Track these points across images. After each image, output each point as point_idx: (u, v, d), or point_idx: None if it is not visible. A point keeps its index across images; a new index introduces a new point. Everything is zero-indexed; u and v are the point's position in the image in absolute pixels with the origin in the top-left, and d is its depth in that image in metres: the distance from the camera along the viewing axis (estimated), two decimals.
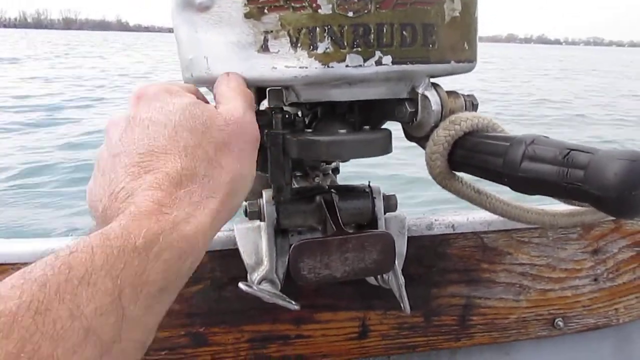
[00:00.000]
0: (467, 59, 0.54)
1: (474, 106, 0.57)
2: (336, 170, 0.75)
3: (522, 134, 0.48)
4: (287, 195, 0.57)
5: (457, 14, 0.52)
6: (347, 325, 0.71)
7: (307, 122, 0.60)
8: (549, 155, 0.43)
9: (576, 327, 0.78)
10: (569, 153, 0.42)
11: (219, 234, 0.66)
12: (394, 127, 0.59)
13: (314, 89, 0.51)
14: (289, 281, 0.58)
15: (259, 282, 0.61)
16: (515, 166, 0.45)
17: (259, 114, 0.56)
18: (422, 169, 0.57)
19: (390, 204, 0.64)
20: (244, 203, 0.63)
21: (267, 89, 0.52)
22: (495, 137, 0.50)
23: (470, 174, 0.53)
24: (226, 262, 0.66)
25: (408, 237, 0.67)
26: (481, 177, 0.51)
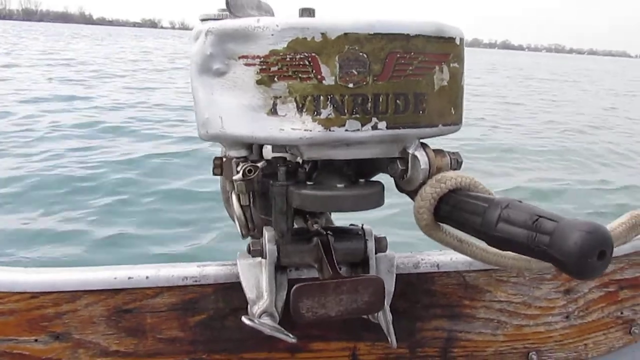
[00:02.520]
0: (453, 122, 0.61)
1: (458, 163, 0.63)
2: None
3: (499, 196, 0.54)
4: (289, 238, 0.64)
5: (446, 83, 0.59)
6: (338, 355, 0.77)
7: (307, 169, 0.66)
8: (521, 220, 0.49)
9: None
10: (537, 219, 0.48)
11: (223, 267, 0.72)
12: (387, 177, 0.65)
13: (316, 149, 0.57)
14: (287, 313, 0.64)
15: (260, 315, 0.66)
16: (491, 226, 0.51)
17: (265, 164, 0.62)
18: None
19: (381, 245, 0.70)
20: (248, 241, 0.69)
21: None
22: (476, 197, 0.56)
23: (453, 227, 0.59)
24: (229, 293, 0.72)
25: (396, 274, 0.73)
26: (462, 231, 0.57)
